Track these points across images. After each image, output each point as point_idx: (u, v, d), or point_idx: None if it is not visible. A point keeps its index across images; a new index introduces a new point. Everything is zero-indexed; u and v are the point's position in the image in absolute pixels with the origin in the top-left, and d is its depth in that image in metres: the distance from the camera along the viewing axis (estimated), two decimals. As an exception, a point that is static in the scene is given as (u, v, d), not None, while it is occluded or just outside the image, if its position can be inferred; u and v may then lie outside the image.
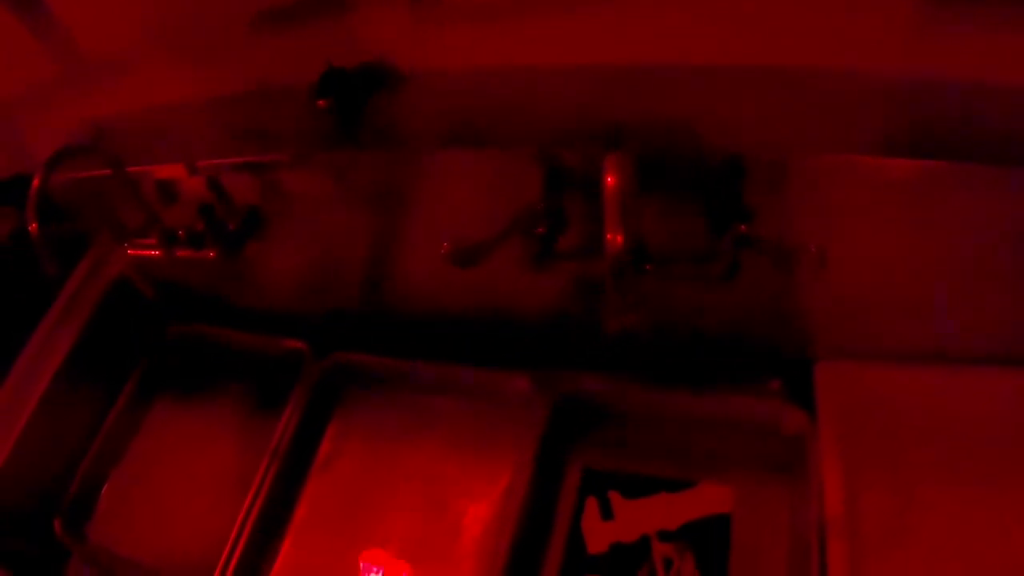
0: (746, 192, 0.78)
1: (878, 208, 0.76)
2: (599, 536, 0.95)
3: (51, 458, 1.19)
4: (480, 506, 1.01)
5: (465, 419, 1.09)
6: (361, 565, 1.00)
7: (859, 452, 0.85)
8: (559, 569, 0.94)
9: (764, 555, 0.89)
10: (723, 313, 0.94)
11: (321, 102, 0.91)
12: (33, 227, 0.90)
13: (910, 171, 0.71)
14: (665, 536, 0.93)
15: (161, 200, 1.07)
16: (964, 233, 0.75)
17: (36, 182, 0.90)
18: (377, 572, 1.00)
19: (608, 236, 0.67)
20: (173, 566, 1.08)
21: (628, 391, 1.01)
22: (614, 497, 0.97)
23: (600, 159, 0.67)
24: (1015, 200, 0.70)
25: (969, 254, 0.77)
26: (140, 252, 1.08)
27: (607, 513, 0.97)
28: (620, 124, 0.71)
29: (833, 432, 0.86)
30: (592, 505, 0.97)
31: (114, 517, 1.19)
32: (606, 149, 0.67)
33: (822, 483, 0.82)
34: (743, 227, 0.77)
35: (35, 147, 1.20)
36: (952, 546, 0.80)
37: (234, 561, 1.00)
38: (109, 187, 1.03)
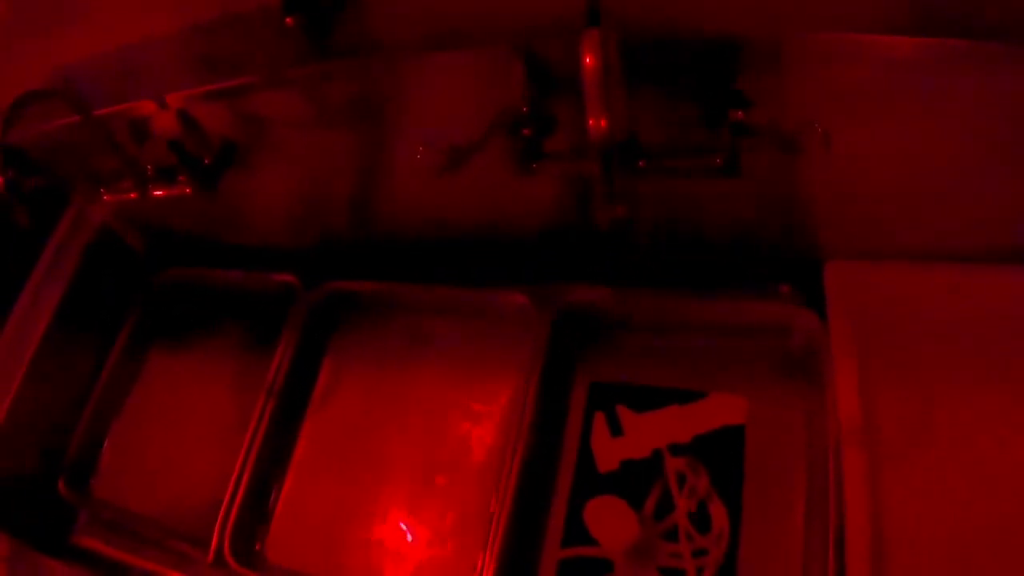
0: (742, 77, 0.73)
1: (882, 92, 0.71)
2: (609, 453, 0.93)
3: (49, 417, 1.18)
4: (484, 429, 0.99)
5: (463, 341, 1.07)
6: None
7: (873, 354, 0.82)
8: (570, 490, 0.92)
9: (780, 466, 0.86)
10: (726, 214, 0.90)
11: (289, 20, 0.87)
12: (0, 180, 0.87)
13: (915, 50, 0.66)
14: (677, 450, 0.91)
15: (134, 141, 1.03)
16: (975, 118, 0.70)
17: (-3, 133, 0.86)
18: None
19: (591, 121, 0.62)
20: (179, 512, 1.07)
21: (631, 300, 0.97)
22: (622, 411, 0.94)
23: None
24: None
25: (980, 140, 0.72)
26: (117, 197, 1.04)
27: (616, 429, 0.94)
28: (597, -2, 0.66)
29: (846, 334, 0.83)
30: (600, 421, 0.95)
31: (118, 470, 1.18)
32: (584, 26, 0.62)
33: (836, 388, 0.80)
34: (740, 114, 0.72)
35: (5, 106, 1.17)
36: (971, 447, 0.78)
37: (237, 502, 0.99)
38: (81, 134, 0.99)
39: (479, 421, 1.00)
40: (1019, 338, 0.81)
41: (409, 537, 0.97)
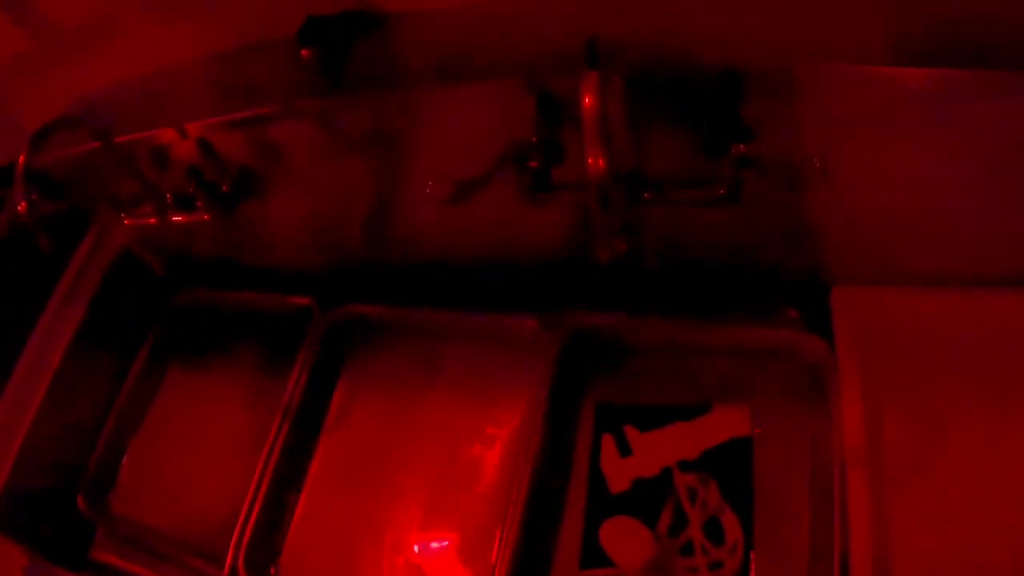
0: (746, 107, 0.74)
1: (888, 121, 0.72)
2: (620, 474, 0.94)
3: (69, 434, 1.20)
4: (495, 451, 1.00)
5: (475, 365, 1.08)
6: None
7: (879, 379, 0.83)
8: (584, 512, 0.93)
9: (787, 481, 0.87)
10: (732, 240, 0.91)
11: (304, 52, 0.90)
12: (22, 205, 0.90)
13: (922, 80, 0.68)
14: (686, 466, 0.92)
15: (155, 167, 1.06)
16: (980, 146, 0.71)
17: (22, 158, 0.89)
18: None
19: (589, 160, 0.64)
20: (195, 530, 1.08)
21: (637, 325, 0.99)
22: (630, 432, 0.96)
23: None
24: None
25: (987, 167, 0.73)
26: (137, 221, 1.07)
27: (625, 449, 0.95)
28: (597, 38, 0.67)
29: (852, 359, 0.83)
30: (609, 442, 0.96)
31: (135, 486, 1.20)
32: (584, 67, 0.64)
33: (842, 412, 0.81)
34: (743, 147, 0.74)
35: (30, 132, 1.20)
36: (975, 474, 0.78)
37: (252, 520, 1.00)
38: (102, 160, 1.02)
39: (490, 444, 1.01)
40: (1025, 364, 0.82)
41: (421, 557, 0.98)
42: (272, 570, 1.03)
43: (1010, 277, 0.82)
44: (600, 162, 0.63)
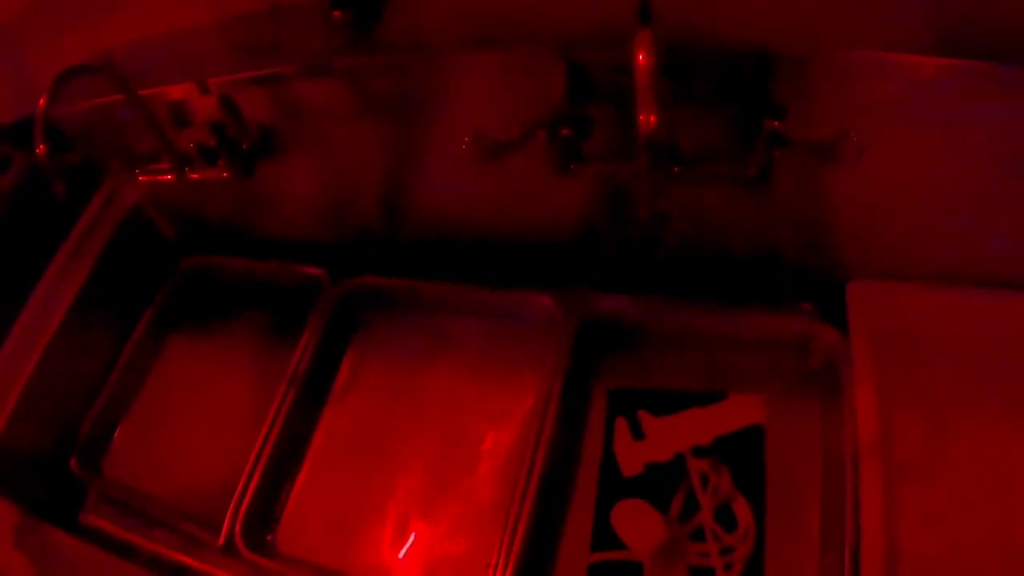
0: (775, 89, 0.74)
1: (912, 112, 0.72)
2: (632, 457, 0.93)
3: (66, 394, 1.18)
4: (504, 431, 0.99)
5: (487, 342, 1.07)
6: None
7: (894, 374, 0.83)
8: (595, 494, 0.92)
9: (800, 470, 0.87)
10: (752, 230, 0.91)
11: (337, 13, 0.89)
12: (40, 149, 0.88)
13: (947, 71, 0.67)
14: (699, 452, 0.91)
15: (174, 123, 1.04)
16: (1001, 141, 0.71)
17: (42, 102, 0.87)
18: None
19: (641, 117, 0.63)
20: (191, 497, 1.06)
21: (655, 309, 0.98)
22: (643, 416, 0.95)
23: (623, 57, 0.64)
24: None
25: (1006, 165, 0.73)
26: (152, 177, 1.06)
27: (638, 433, 0.94)
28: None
29: (866, 353, 0.83)
30: (622, 426, 0.95)
31: (131, 451, 1.18)
32: (637, 25, 0.64)
33: (855, 406, 0.80)
34: (776, 124, 0.73)
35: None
36: (987, 469, 0.79)
37: (251, 489, 0.99)
38: (120, 113, 1.01)
39: (499, 423, 1.00)
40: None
41: (422, 534, 0.97)
42: (269, 539, 1.01)
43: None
44: (651, 119, 0.62)
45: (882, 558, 0.72)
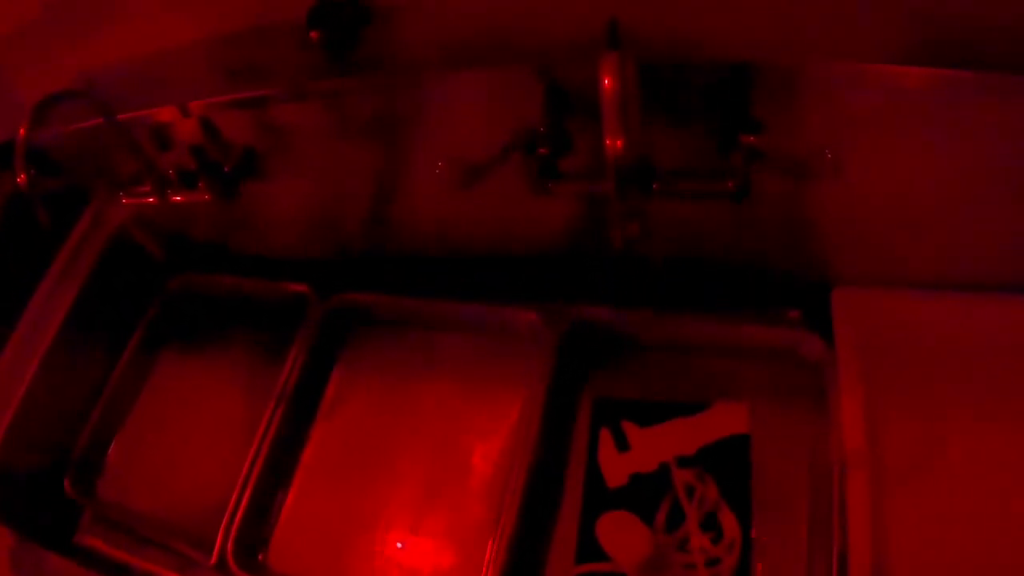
0: (754, 104, 0.74)
1: (894, 122, 0.72)
2: (617, 468, 0.93)
3: (58, 416, 1.18)
4: (491, 444, 1.00)
5: (473, 356, 1.07)
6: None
7: (879, 381, 0.83)
8: (580, 506, 0.93)
9: (786, 478, 0.87)
10: (736, 238, 0.91)
11: (313, 34, 0.89)
12: (22, 178, 0.88)
13: (929, 81, 0.67)
14: (684, 462, 0.91)
15: (156, 146, 1.04)
16: (984, 148, 0.71)
17: (22, 130, 0.88)
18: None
19: (607, 141, 0.64)
20: (184, 515, 1.07)
21: (639, 320, 0.98)
22: (628, 427, 0.95)
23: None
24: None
25: (991, 171, 0.73)
26: (136, 200, 1.06)
27: (622, 444, 0.94)
28: (617, 20, 0.67)
29: (852, 360, 0.83)
30: (606, 437, 0.95)
31: (124, 471, 1.19)
32: (603, 49, 0.64)
33: (841, 413, 0.80)
34: (752, 139, 0.74)
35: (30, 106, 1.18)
36: (974, 476, 0.79)
37: (242, 506, 0.99)
38: (103, 137, 1.01)
39: (486, 436, 1.01)
40: (1025, 369, 0.82)
41: (412, 549, 0.97)
42: (261, 557, 1.01)
43: (1011, 283, 0.82)
44: (619, 143, 0.63)
45: (869, 567, 0.72)
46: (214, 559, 0.97)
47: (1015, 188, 0.73)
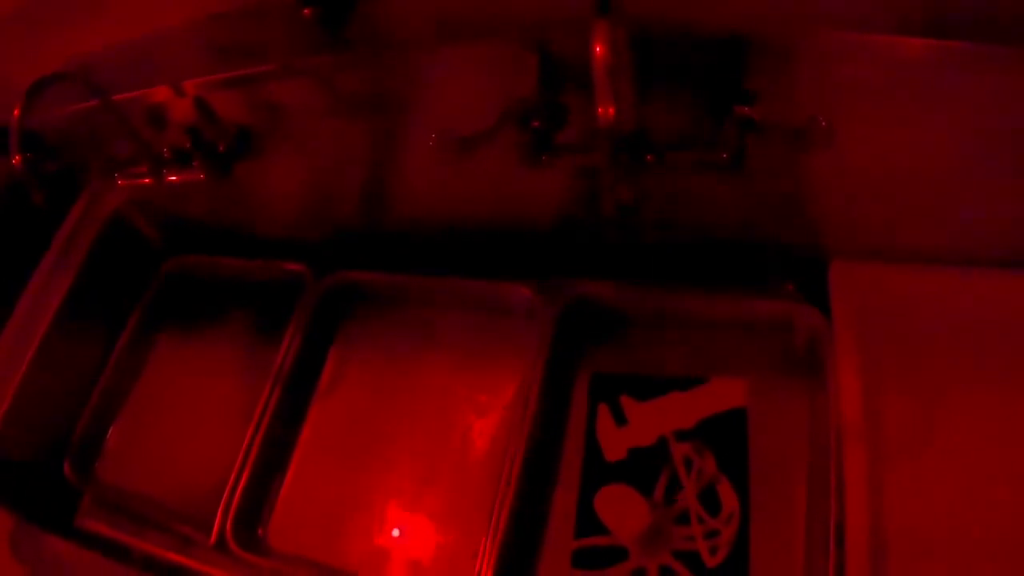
0: (749, 75, 0.74)
1: (891, 93, 0.71)
2: (615, 442, 0.94)
3: (57, 399, 1.18)
4: (489, 420, 1.00)
5: (470, 333, 1.07)
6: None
7: (876, 355, 0.83)
8: (579, 480, 0.93)
9: (784, 451, 0.87)
10: (732, 211, 0.90)
11: (306, 11, 0.89)
12: (17, 160, 0.88)
13: (924, 51, 0.67)
14: (682, 436, 0.91)
15: (151, 127, 1.04)
16: (984, 120, 0.70)
17: (17, 112, 0.87)
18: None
19: (599, 109, 0.63)
20: (183, 496, 1.07)
21: (635, 295, 0.98)
22: (626, 401, 0.95)
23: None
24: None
25: (989, 144, 0.72)
26: (131, 181, 1.06)
27: (620, 418, 0.95)
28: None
29: (849, 334, 0.83)
30: (604, 411, 0.95)
31: (123, 454, 1.19)
32: (594, 15, 0.64)
33: (839, 386, 0.80)
34: (746, 109, 0.73)
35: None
36: (970, 449, 0.78)
37: (241, 486, 1.00)
38: (97, 119, 1.01)
39: (484, 413, 1.01)
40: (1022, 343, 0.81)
41: (411, 525, 0.97)
42: (260, 536, 1.02)
43: (1008, 256, 0.82)
44: (610, 111, 0.62)
45: (867, 538, 0.72)
46: (213, 539, 0.97)
47: (1013, 162, 0.73)
